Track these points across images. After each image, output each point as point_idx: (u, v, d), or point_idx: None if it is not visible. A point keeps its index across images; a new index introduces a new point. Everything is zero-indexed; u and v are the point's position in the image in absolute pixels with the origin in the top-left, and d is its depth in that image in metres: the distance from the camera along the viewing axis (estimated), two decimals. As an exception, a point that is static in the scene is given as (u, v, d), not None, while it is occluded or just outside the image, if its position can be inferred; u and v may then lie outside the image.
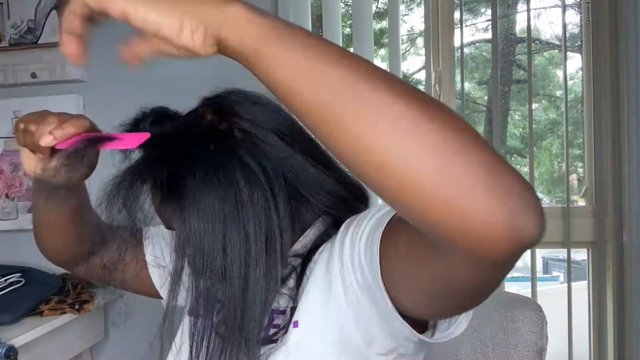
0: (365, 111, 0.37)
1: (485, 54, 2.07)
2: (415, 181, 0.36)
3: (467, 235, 0.36)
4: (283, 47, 0.39)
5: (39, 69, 1.35)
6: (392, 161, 0.37)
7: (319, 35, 0.42)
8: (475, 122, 2.14)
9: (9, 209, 1.37)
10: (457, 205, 0.35)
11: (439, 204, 0.36)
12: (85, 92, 1.35)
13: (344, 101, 0.38)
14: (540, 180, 2.11)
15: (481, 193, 0.35)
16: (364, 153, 0.37)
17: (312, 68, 0.38)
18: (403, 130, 0.36)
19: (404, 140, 0.36)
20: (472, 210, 0.35)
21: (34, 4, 1.34)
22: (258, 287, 0.58)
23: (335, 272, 0.57)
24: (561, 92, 1.67)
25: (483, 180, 0.35)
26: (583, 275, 1.58)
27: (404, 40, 2.58)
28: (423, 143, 0.36)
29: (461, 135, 0.36)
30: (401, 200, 0.38)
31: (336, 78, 0.38)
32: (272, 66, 0.40)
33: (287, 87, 0.39)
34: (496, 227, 0.35)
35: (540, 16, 1.84)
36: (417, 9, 2.43)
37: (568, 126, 1.43)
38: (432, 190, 0.36)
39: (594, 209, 1.43)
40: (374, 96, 0.37)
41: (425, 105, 0.37)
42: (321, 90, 0.38)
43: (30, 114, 0.63)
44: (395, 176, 0.37)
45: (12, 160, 1.37)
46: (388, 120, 0.36)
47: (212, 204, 0.58)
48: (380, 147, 0.37)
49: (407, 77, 2.41)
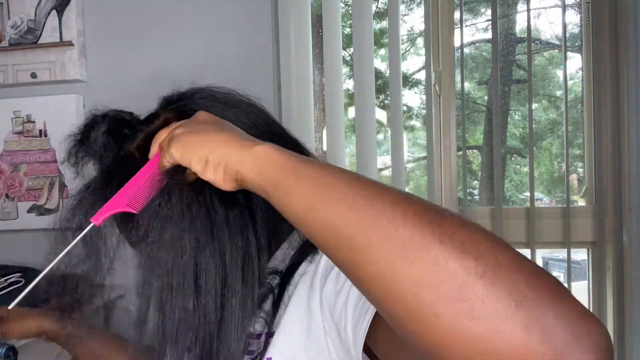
0: (373, 238, 0.37)
1: (485, 54, 2.07)
2: (429, 314, 0.33)
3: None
4: (296, 179, 0.43)
5: (39, 69, 1.35)
6: (402, 289, 0.34)
7: (335, 167, 0.43)
8: (476, 122, 2.14)
9: (9, 209, 1.37)
10: (483, 341, 0.31)
11: (456, 341, 0.32)
12: (85, 92, 1.35)
13: (353, 229, 0.38)
14: (540, 180, 2.10)
15: (511, 326, 0.30)
16: (372, 281, 0.37)
17: (322, 196, 0.41)
18: (411, 258, 0.34)
19: (414, 268, 0.34)
20: (500, 347, 0.31)
21: (34, 4, 1.34)
22: (234, 317, 0.53)
23: (315, 309, 0.54)
24: (561, 92, 1.66)
25: (513, 317, 0.31)
26: (583, 275, 1.58)
27: (404, 40, 2.58)
28: (435, 272, 0.33)
29: (485, 258, 0.33)
30: (414, 336, 0.35)
31: (345, 205, 0.39)
32: (288, 196, 0.43)
33: (301, 215, 0.42)
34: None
35: (540, 16, 1.84)
36: (417, 9, 2.43)
37: (568, 126, 1.43)
38: (450, 325, 0.32)
39: (594, 209, 1.43)
40: (381, 223, 0.37)
41: (435, 229, 0.35)
42: (330, 217, 0.40)
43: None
44: (408, 305, 0.34)
45: (12, 160, 1.37)
46: (397, 248, 0.35)
47: (183, 231, 0.51)
48: (392, 276, 0.35)
49: (407, 77, 2.41)
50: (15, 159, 1.37)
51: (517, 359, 0.30)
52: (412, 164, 2.63)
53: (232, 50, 1.29)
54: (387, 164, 2.27)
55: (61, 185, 1.34)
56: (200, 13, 1.31)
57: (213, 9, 1.31)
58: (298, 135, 0.70)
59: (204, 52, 1.30)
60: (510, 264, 0.33)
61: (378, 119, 1.67)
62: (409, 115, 2.56)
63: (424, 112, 2.33)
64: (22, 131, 1.36)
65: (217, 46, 1.30)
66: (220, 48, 1.30)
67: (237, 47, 1.29)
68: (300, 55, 1.36)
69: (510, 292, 0.31)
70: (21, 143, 1.36)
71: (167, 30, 1.32)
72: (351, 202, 0.39)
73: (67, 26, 1.33)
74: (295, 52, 1.34)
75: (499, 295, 0.31)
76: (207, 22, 1.31)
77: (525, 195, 2.03)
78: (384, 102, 2.33)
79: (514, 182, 2.25)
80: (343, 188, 0.40)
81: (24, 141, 1.36)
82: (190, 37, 1.31)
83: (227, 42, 1.30)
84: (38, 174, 1.36)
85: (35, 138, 1.35)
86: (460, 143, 1.52)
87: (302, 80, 1.37)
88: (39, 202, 1.35)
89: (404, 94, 2.28)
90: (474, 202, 2.12)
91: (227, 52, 1.30)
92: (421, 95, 2.49)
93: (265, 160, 0.45)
